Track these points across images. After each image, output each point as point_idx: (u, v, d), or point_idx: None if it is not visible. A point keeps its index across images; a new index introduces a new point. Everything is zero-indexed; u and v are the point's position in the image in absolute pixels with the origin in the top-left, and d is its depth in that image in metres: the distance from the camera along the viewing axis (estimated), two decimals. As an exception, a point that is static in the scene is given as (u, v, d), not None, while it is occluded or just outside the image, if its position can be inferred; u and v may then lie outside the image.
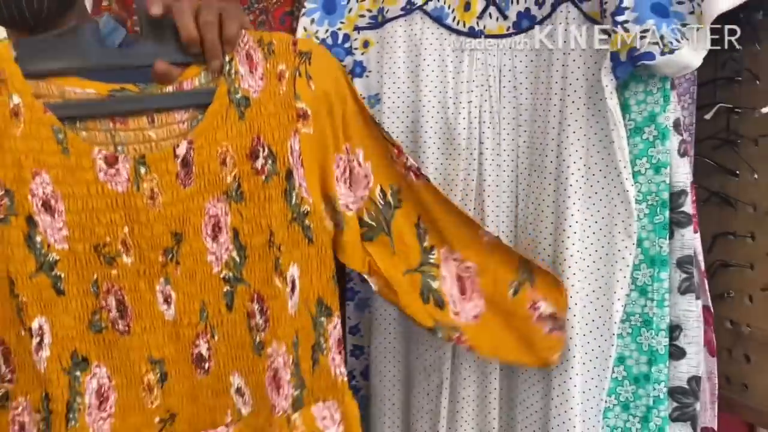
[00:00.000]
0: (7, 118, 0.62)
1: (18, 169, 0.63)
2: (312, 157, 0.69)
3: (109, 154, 0.65)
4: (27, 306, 0.64)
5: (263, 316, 0.70)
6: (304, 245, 0.70)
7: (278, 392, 0.70)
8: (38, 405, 0.66)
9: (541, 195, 0.86)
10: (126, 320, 0.68)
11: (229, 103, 0.67)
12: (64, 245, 0.65)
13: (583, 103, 0.82)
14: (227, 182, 0.68)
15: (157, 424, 0.69)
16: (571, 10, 0.83)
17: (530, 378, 0.88)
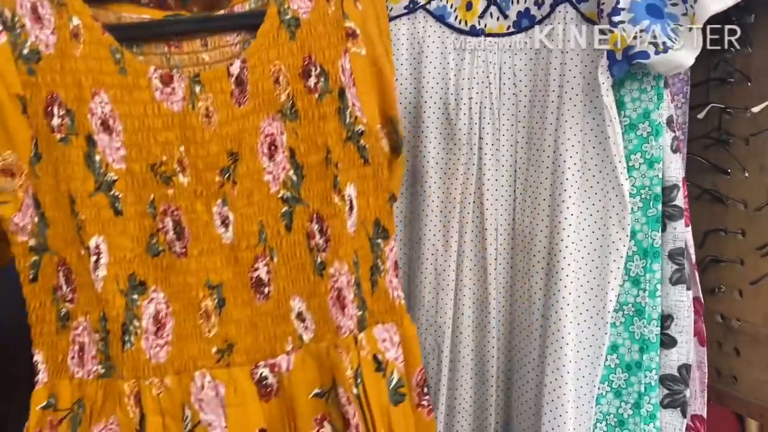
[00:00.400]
0: (68, 40, 0.64)
1: (78, 89, 0.64)
2: (365, 78, 0.71)
3: (165, 73, 0.66)
4: (86, 224, 0.64)
5: (323, 236, 0.70)
6: (360, 165, 0.71)
7: (343, 312, 0.70)
8: (96, 325, 0.66)
9: (538, 189, 0.89)
10: (183, 242, 0.67)
11: (280, 24, 0.69)
12: (121, 165, 0.66)
13: (580, 100, 0.85)
14: (281, 101, 0.69)
15: (215, 354, 0.68)
16: (570, 11, 0.86)
17: (525, 365, 0.91)
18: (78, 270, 0.66)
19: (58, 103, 0.64)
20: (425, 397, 0.75)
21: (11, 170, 0.63)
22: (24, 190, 0.64)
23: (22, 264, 0.65)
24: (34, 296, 0.65)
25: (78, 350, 0.67)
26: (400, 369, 0.72)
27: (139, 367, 0.66)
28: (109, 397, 0.66)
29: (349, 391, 0.69)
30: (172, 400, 0.66)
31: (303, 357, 0.70)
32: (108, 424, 0.65)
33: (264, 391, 0.69)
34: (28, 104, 0.63)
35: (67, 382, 0.66)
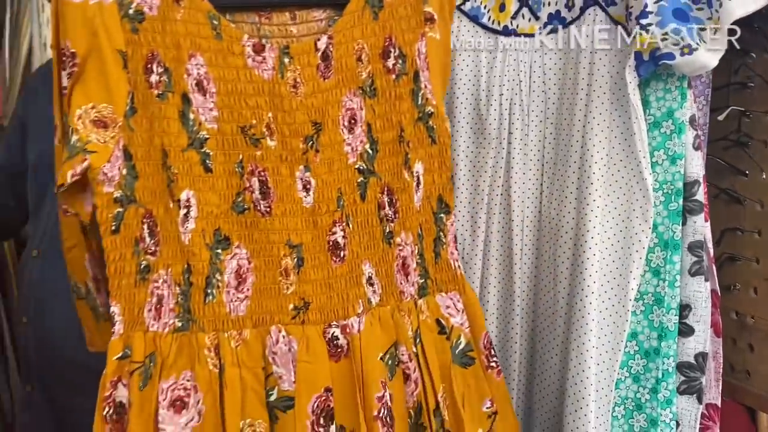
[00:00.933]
0: (170, 4, 0.68)
1: (176, 50, 0.68)
2: (437, 61, 0.76)
3: (257, 42, 0.70)
4: (177, 178, 0.68)
5: (392, 208, 0.75)
6: (428, 144, 0.76)
7: (406, 279, 0.76)
8: (179, 278, 0.68)
9: (565, 182, 0.94)
10: (268, 202, 0.71)
11: (365, 4, 0.74)
12: (213, 125, 0.70)
13: (608, 99, 0.90)
14: (362, 78, 0.74)
15: (291, 311, 0.71)
16: (599, 13, 0.91)
17: (549, 351, 0.96)
18: (164, 223, 0.68)
19: (158, 61, 0.68)
20: (493, 359, 0.80)
21: (105, 122, 0.65)
22: (115, 141, 0.66)
23: (105, 215, 0.66)
24: (114, 248, 0.66)
25: (156, 303, 0.68)
26: (466, 334, 0.77)
27: (218, 320, 0.69)
28: (183, 352, 0.68)
29: (409, 349, 0.74)
30: (249, 352, 0.69)
31: (371, 320, 0.74)
32: (179, 379, 0.67)
33: (334, 351, 0.72)
34: (128, 60, 0.67)
35: (141, 334, 0.68)
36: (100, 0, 0.65)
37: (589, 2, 0.93)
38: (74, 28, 0.64)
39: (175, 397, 0.66)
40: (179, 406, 0.67)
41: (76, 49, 0.64)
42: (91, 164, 0.64)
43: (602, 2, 0.92)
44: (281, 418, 0.68)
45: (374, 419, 0.70)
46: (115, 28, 0.65)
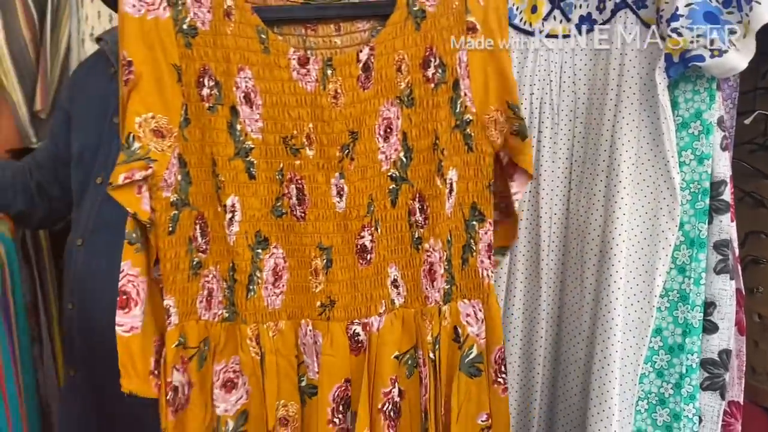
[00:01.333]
0: (221, 18, 0.73)
1: (227, 64, 0.73)
2: (480, 69, 0.79)
3: (302, 55, 0.75)
4: (224, 185, 0.74)
5: (423, 214, 0.78)
6: (464, 152, 0.79)
7: (432, 285, 0.79)
8: (225, 274, 0.75)
9: (594, 180, 0.96)
10: (303, 207, 0.77)
11: (408, 15, 0.77)
12: (258, 135, 0.75)
13: (637, 99, 0.93)
14: (401, 88, 0.77)
15: (318, 307, 0.77)
16: (629, 16, 0.94)
17: (574, 345, 0.98)
18: (213, 225, 0.75)
19: (209, 75, 0.73)
20: (502, 375, 0.82)
21: (162, 132, 0.71)
22: (171, 150, 0.72)
23: (163, 218, 0.73)
24: (170, 247, 0.73)
25: (206, 295, 0.76)
26: (480, 345, 0.80)
27: (258, 312, 0.76)
28: (230, 339, 0.76)
29: (426, 354, 0.78)
30: (284, 342, 0.77)
31: (391, 320, 0.79)
32: (229, 363, 0.75)
33: (355, 346, 0.78)
34: (183, 74, 0.72)
35: (194, 323, 0.75)
36: (156, 15, 0.71)
37: (620, 5, 0.95)
38: (132, 40, 0.70)
39: (226, 379, 0.75)
40: (230, 386, 0.75)
41: (132, 58, 0.70)
42: (155, 171, 0.71)
43: (633, 5, 0.94)
44: (308, 403, 0.77)
45: (378, 411, 0.76)
46: (170, 43, 0.71)
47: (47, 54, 1.52)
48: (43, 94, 1.49)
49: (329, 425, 0.75)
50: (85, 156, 1.10)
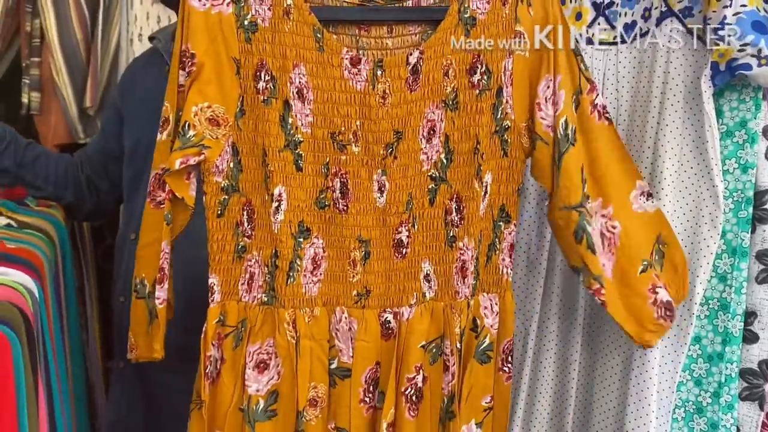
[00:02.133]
0: (280, 16, 0.77)
1: (283, 60, 0.77)
2: (522, 78, 0.82)
3: (354, 56, 0.79)
4: (273, 175, 0.78)
5: (459, 214, 0.82)
6: (500, 156, 0.82)
7: (463, 281, 0.83)
8: (267, 260, 0.80)
9: (635, 187, 0.96)
10: (345, 201, 0.81)
11: (458, 22, 0.80)
12: (307, 129, 0.79)
13: (681, 107, 0.93)
14: (446, 92, 0.80)
15: (354, 296, 0.82)
16: (675, 24, 0.95)
17: (611, 351, 0.98)
18: (260, 212, 0.80)
19: (266, 69, 0.77)
20: (508, 364, 0.86)
21: (218, 120, 0.77)
22: (226, 138, 0.77)
23: (213, 201, 0.78)
24: (218, 229, 0.79)
25: (248, 278, 0.81)
26: (492, 335, 0.84)
27: (296, 298, 0.81)
28: (267, 322, 0.80)
29: (453, 344, 0.82)
30: (318, 327, 0.81)
31: (421, 311, 0.83)
32: (264, 345, 0.80)
33: (385, 332, 0.83)
34: (241, 67, 0.77)
35: (234, 303, 0.81)
36: (220, 10, 0.76)
37: (666, 13, 0.96)
38: (196, 32, 0.75)
39: (260, 360, 0.79)
40: (262, 367, 0.80)
41: (195, 50, 0.75)
42: (207, 157, 0.76)
43: (679, 13, 0.95)
44: (339, 385, 0.81)
45: (401, 394, 0.81)
46: (231, 37, 0.76)
47: (98, 53, 1.58)
48: (93, 92, 1.55)
49: (360, 404, 0.81)
50: (138, 150, 1.14)
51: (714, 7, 0.89)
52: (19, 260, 0.88)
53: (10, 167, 1.14)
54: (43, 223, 1.09)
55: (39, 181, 1.18)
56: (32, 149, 1.18)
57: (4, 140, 1.12)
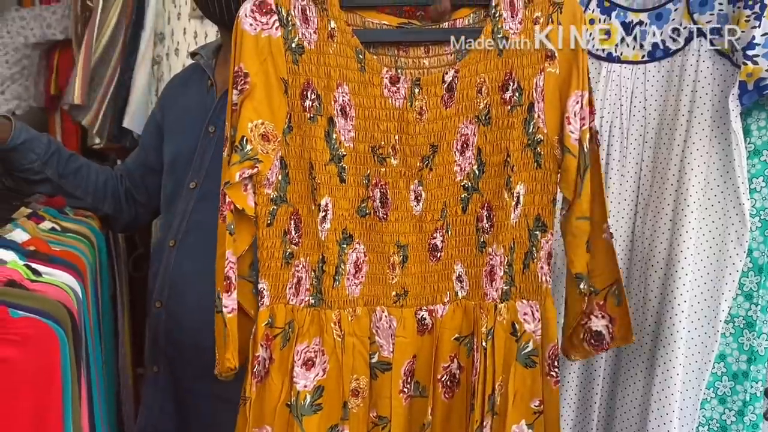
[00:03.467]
0: (325, 39, 0.85)
1: (327, 80, 0.85)
2: (554, 94, 0.88)
3: (393, 75, 0.86)
4: (319, 186, 0.86)
5: (489, 222, 0.89)
6: (533, 168, 0.88)
7: (491, 284, 0.89)
8: (314, 265, 0.88)
9: (661, 204, 1.00)
10: (385, 209, 0.88)
11: (492, 41, 0.86)
12: (350, 144, 0.87)
13: (708, 126, 0.96)
14: (479, 108, 0.87)
15: (393, 297, 0.90)
16: (704, 44, 0.98)
17: (634, 366, 1.01)
18: (306, 221, 0.87)
19: (312, 89, 0.85)
20: (555, 369, 0.91)
21: (268, 136, 0.84)
22: (275, 153, 0.85)
23: (263, 211, 0.85)
24: (267, 237, 0.86)
25: (296, 283, 0.88)
26: (536, 341, 0.90)
27: (341, 300, 0.88)
28: (314, 323, 0.87)
29: (479, 342, 0.89)
30: (360, 326, 0.89)
31: (454, 308, 0.91)
32: (311, 344, 0.87)
33: (421, 328, 0.90)
34: (289, 87, 0.84)
35: (282, 306, 0.87)
36: (269, 34, 0.83)
37: (694, 33, 0.98)
38: (248, 54, 0.82)
39: (307, 358, 0.87)
40: (309, 364, 0.87)
41: (248, 70, 0.82)
42: (259, 170, 0.83)
43: (708, 33, 0.97)
44: (380, 377, 0.89)
45: (437, 381, 0.89)
46: (280, 59, 0.83)
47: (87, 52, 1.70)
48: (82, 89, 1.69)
49: (400, 394, 0.88)
50: (178, 162, 1.20)
51: (743, 28, 0.92)
52: (65, 262, 0.94)
53: (52, 177, 1.20)
54: (84, 229, 1.15)
55: (79, 192, 1.24)
56: (74, 160, 1.24)
57: (49, 151, 1.18)
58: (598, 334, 0.91)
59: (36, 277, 0.86)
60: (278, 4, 0.83)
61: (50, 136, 1.24)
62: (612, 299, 0.91)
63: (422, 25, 0.87)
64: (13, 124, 1.14)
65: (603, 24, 1.07)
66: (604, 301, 0.91)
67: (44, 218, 1.12)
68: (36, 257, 0.93)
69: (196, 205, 1.16)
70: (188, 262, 1.15)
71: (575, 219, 0.87)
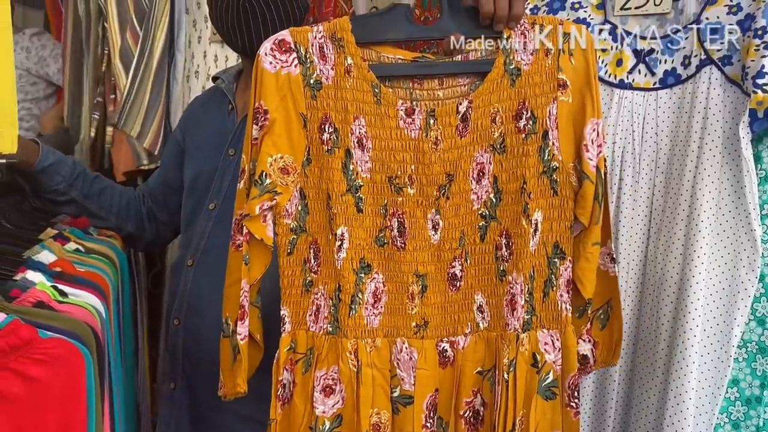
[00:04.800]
0: (342, 75, 0.88)
1: (344, 113, 0.88)
2: (567, 122, 0.89)
3: (409, 107, 0.88)
4: (336, 216, 0.88)
5: (508, 249, 0.90)
6: (549, 195, 0.89)
7: (513, 314, 0.89)
8: (332, 294, 0.89)
9: (673, 229, 1.02)
10: (403, 239, 0.90)
11: (504, 73, 0.89)
12: (367, 174, 0.89)
13: (719, 152, 0.98)
14: (494, 137, 0.89)
15: (413, 327, 0.90)
16: (714, 72, 1.00)
17: (647, 390, 1.02)
18: (324, 250, 0.89)
19: (329, 122, 0.88)
20: (575, 399, 0.91)
21: (288, 169, 0.87)
22: (294, 185, 0.88)
23: (283, 241, 0.88)
24: (288, 266, 0.89)
25: (315, 310, 0.90)
26: (556, 371, 0.90)
27: (358, 329, 0.89)
28: (332, 350, 0.89)
29: (501, 374, 0.89)
30: (380, 357, 0.89)
31: (476, 340, 0.91)
32: (329, 371, 0.88)
33: (443, 360, 0.90)
34: (308, 121, 0.88)
35: (303, 332, 0.90)
36: (289, 71, 0.87)
37: (705, 61, 1.01)
38: (268, 91, 0.86)
39: (326, 385, 0.88)
40: (328, 391, 0.88)
41: (268, 107, 0.86)
42: (278, 202, 0.87)
43: (718, 61, 1.00)
44: (402, 411, 0.89)
45: (460, 417, 0.89)
46: (299, 95, 0.87)
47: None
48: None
49: (423, 429, 0.88)
50: (198, 183, 1.23)
51: (753, 57, 0.95)
52: (89, 283, 0.98)
53: (77, 198, 1.24)
54: (106, 249, 1.19)
55: (103, 212, 1.28)
56: (99, 182, 1.28)
57: (74, 173, 1.23)
58: (583, 358, 0.93)
59: (62, 298, 0.90)
60: (297, 43, 0.86)
61: (75, 159, 1.28)
62: (597, 323, 0.94)
63: (436, 59, 0.89)
64: (40, 147, 1.19)
65: (615, 51, 1.10)
66: (590, 325, 0.93)
67: (69, 239, 1.16)
68: (62, 278, 0.96)
69: (215, 226, 1.18)
70: (206, 281, 1.17)
71: (591, 245, 0.89)
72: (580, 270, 0.89)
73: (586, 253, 0.89)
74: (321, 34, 0.87)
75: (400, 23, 0.89)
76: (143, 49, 1.78)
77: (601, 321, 0.93)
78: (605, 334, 0.94)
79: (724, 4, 1.00)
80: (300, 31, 0.87)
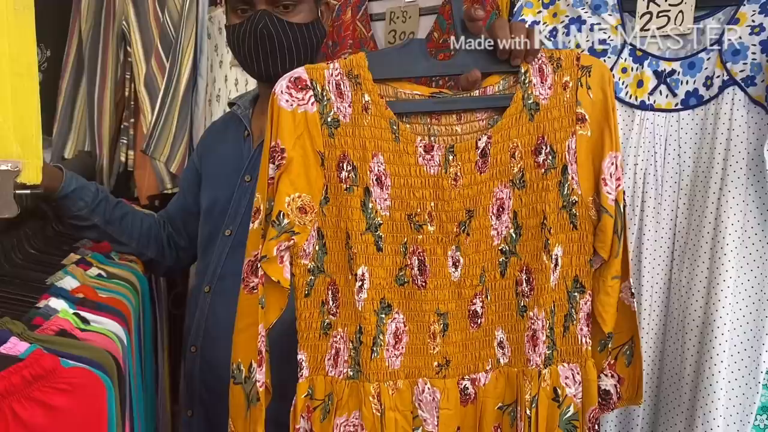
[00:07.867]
0: (359, 112, 0.86)
1: (363, 151, 0.86)
2: (586, 155, 0.89)
3: (427, 143, 0.87)
4: (356, 256, 0.86)
5: (529, 285, 0.89)
6: (569, 230, 0.88)
7: (534, 349, 0.89)
8: (352, 336, 0.87)
9: (697, 252, 1.00)
10: (424, 277, 0.88)
11: (523, 108, 0.88)
12: (386, 212, 0.87)
13: (744, 174, 0.97)
14: (513, 172, 0.88)
15: (435, 367, 0.89)
16: (738, 93, 0.99)
17: (672, 417, 1.00)
18: (344, 291, 0.88)
19: (347, 160, 0.86)
20: None
21: (305, 209, 0.85)
22: (312, 224, 0.86)
23: (300, 282, 0.86)
24: (305, 308, 0.87)
25: (334, 354, 0.88)
26: (576, 404, 0.90)
27: (380, 372, 0.88)
28: (353, 395, 0.87)
29: (523, 410, 0.88)
30: (402, 399, 0.88)
31: (497, 376, 0.90)
32: (350, 417, 0.86)
33: (464, 398, 0.89)
34: (325, 159, 0.86)
35: (322, 378, 0.88)
36: (305, 110, 0.85)
37: (728, 82, 1.01)
38: (285, 130, 0.84)
39: None
40: None
41: (285, 146, 0.84)
42: (296, 242, 0.85)
43: (741, 82, 0.99)
44: None
45: None
46: (316, 133, 0.85)
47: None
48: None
49: None
50: (215, 209, 1.24)
51: (775, 77, 0.94)
52: (111, 309, 0.99)
53: (99, 223, 1.26)
54: (128, 274, 1.20)
55: (124, 238, 1.30)
56: (120, 208, 1.29)
57: (97, 199, 1.25)
58: (605, 393, 0.92)
59: (85, 325, 0.91)
60: (313, 80, 0.84)
61: (98, 184, 1.31)
62: (623, 359, 0.92)
63: (453, 94, 0.88)
64: (64, 173, 1.21)
65: (635, 72, 1.10)
66: (615, 360, 0.92)
67: (92, 264, 1.18)
68: (84, 305, 0.98)
69: (231, 252, 1.18)
70: (222, 308, 1.17)
71: (610, 278, 0.88)
72: (600, 304, 0.89)
73: (606, 287, 0.88)
74: (337, 71, 0.85)
75: (417, 59, 0.87)
76: (170, 76, 1.81)
77: (626, 357, 0.92)
78: (631, 371, 0.92)
79: (747, 24, 1.00)
80: (316, 68, 0.85)
